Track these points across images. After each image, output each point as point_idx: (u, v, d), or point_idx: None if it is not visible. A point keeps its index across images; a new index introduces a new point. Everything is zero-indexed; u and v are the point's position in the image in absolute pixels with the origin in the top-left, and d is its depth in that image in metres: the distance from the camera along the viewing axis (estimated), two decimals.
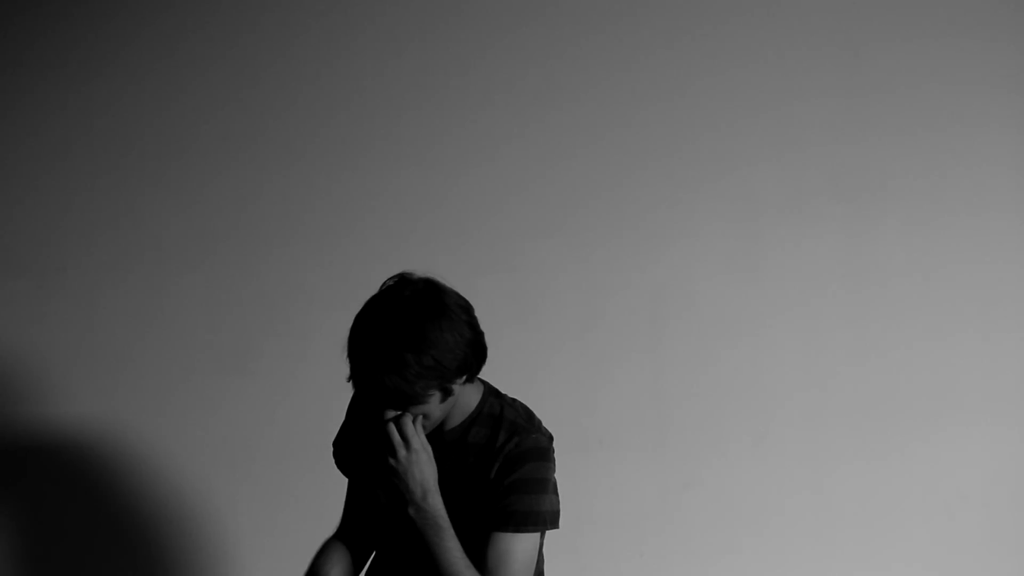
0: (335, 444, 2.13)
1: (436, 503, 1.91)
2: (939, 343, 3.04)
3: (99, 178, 3.01)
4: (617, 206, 3.04)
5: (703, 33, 3.06)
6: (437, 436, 1.99)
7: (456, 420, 2.00)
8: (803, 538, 3.02)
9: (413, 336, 1.82)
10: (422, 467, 1.90)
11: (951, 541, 3.03)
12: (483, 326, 1.94)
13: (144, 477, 2.98)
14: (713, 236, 3.04)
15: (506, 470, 1.93)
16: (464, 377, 1.92)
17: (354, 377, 1.86)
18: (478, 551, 1.93)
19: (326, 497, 2.30)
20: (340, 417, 2.15)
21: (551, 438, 2.01)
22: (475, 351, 1.91)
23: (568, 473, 2.11)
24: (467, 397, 1.99)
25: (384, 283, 1.91)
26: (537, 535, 1.97)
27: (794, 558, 3.02)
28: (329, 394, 2.38)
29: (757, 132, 3.05)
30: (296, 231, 3.02)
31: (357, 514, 2.11)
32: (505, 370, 2.13)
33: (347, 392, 2.16)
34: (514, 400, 2.05)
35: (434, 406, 1.90)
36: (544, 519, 1.95)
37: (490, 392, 2.04)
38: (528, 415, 2.02)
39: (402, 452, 1.90)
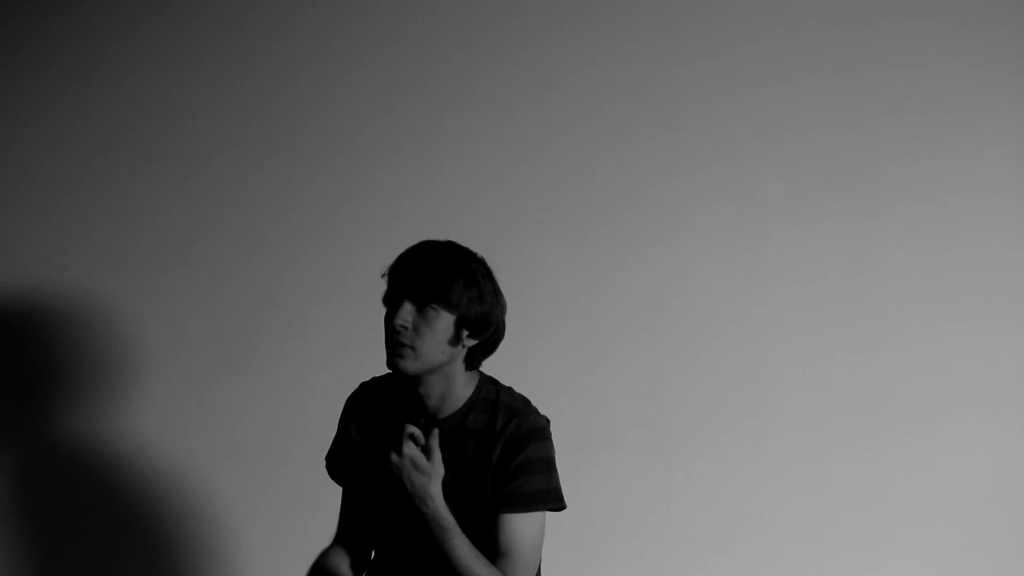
0: (328, 459, 2.16)
1: (436, 508, 1.94)
2: (939, 339, 3.04)
3: (99, 178, 3.01)
4: (616, 205, 3.03)
5: (702, 31, 3.05)
6: (434, 424, 2.01)
7: (453, 407, 2.02)
8: (804, 536, 3.02)
9: (468, 263, 1.98)
10: (421, 470, 1.93)
11: (951, 538, 3.02)
12: None
13: (144, 477, 2.98)
14: (712, 233, 3.03)
15: (510, 452, 1.97)
16: (477, 341, 1.98)
17: (401, 262, 1.97)
18: (485, 536, 1.97)
19: (326, 497, 2.30)
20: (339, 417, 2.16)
21: (548, 420, 2.06)
22: (499, 321, 2.01)
23: (568, 473, 2.11)
24: (464, 384, 2.03)
25: None
26: (544, 515, 2.01)
27: (795, 556, 3.02)
28: (329, 394, 2.39)
29: (756, 129, 3.04)
30: (296, 231, 3.01)
31: (354, 521, 2.13)
32: (505, 370, 2.14)
33: (344, 394, 2.17)
34: (510, 388, 2.09)
35: (443, 330, 1.94)
36: (553, 496, 2.00)
37: (486, 379, 2.08)
38: (524, 400, 2.07)
39: (395, 458, 1.94)
